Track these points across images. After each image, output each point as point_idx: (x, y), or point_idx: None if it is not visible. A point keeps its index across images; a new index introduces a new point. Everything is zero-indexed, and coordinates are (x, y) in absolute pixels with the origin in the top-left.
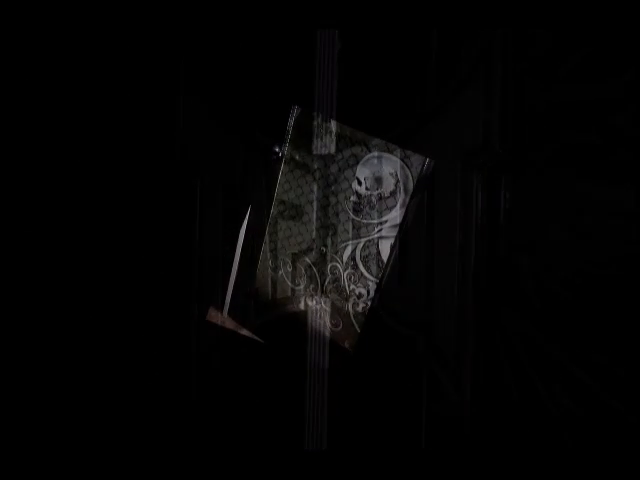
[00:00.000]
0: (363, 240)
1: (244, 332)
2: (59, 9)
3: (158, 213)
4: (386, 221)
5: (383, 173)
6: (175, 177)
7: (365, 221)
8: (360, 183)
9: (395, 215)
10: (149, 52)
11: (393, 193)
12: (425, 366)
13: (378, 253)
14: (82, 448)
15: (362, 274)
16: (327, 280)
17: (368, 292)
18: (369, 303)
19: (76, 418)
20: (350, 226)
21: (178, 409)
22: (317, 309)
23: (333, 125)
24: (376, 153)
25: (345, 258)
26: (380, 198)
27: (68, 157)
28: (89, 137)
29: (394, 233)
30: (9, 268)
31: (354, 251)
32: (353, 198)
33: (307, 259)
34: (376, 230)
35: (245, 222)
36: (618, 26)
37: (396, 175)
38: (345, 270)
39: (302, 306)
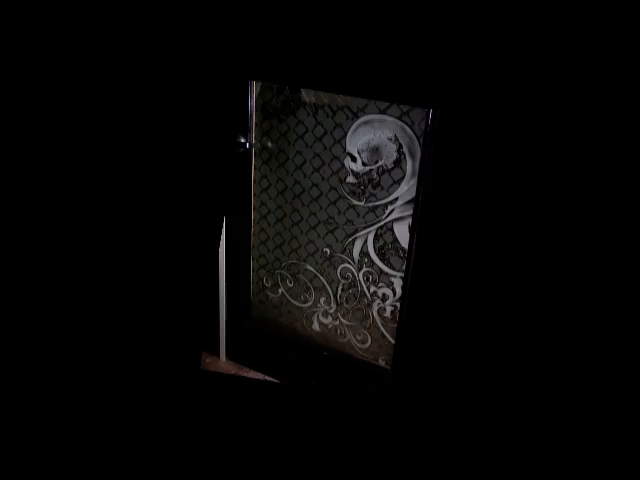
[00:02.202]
0: (373, 228)
1: (250, 374)
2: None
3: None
4: (396, 199)
5: (380, 140)
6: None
7: (371, 204)
8: (354, 159)
9: (406, 189)
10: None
11: (398, 162)
12: None
13: (395, 240)
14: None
15: (381, 270)
16: (340, 287)
17: (394, 291)
18: (398, 305)
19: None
20: (353, 214)
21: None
22: (335, 326)
23: (305, 94)
24: (366, 117)
25: (356, 255)
26: (383, 172)
27: None
28: None
29: (410, 211)
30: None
31: (365, 244)
32: (350, 179)
33: (310, 267)
34: (387, 212)
35: (223, 237)
36: None
37: (396, 139)
38: (360, 270)
39: (316, 326)
